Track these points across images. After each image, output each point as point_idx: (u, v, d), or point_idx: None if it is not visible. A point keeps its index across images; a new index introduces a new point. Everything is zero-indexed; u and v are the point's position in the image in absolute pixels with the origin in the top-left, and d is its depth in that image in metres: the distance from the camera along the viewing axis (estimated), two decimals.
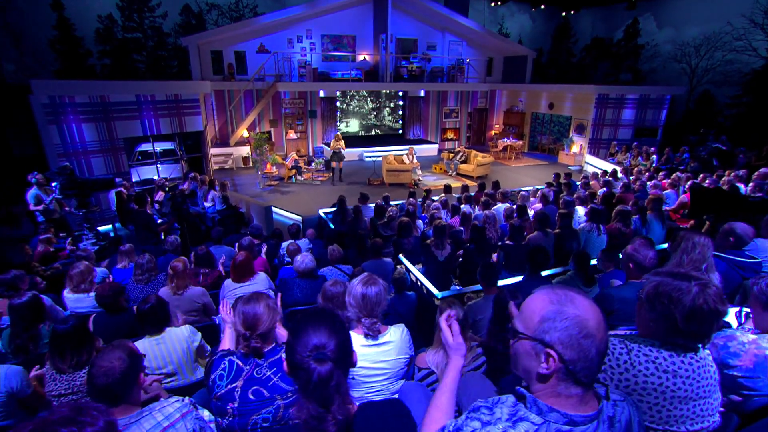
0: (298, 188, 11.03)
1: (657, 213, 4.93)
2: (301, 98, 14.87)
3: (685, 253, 2.37)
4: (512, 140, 15.20)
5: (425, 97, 16.60)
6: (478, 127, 18.03)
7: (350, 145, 14.88)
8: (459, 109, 17.32)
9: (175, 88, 8.11)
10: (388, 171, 11.08)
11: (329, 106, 15.23)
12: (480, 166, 11.84)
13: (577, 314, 0.95)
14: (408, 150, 11.77)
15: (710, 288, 1.16)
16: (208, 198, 7.69)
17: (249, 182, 11.46)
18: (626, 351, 1.21)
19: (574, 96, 14.59)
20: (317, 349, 1.09)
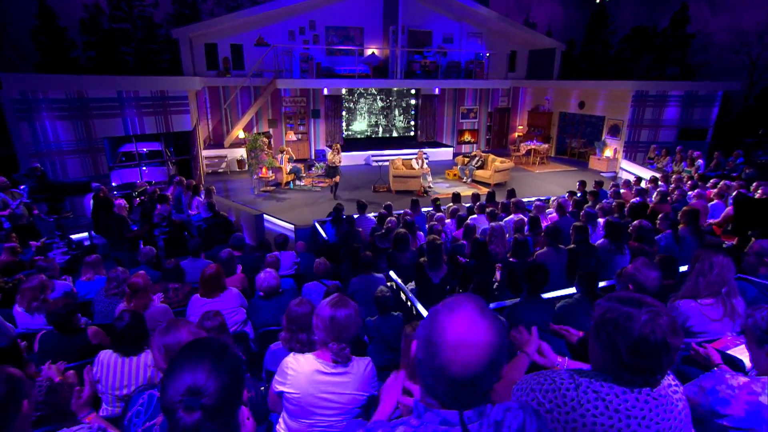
0: (296, 195, 11.14)
1: (692, 228, 4.78)
2: (302, 96, 15.08)
3: (700, 274, 2.30)
4: (537, 143, 15.07)
5: (440, 96, 16.63)
6: (499, 129, 17.98)
7: (357, 147, 15.05)
8: (477, 109, 17.31)
9: (160, 83, 8.32)
10: (394, 177, 11.09)
11: (334, 105, 15.38)
12: (498, 172, 11.76)
13: (443, 321, 0.94)
14: (417, 154, 11.74)
15: (662, 317, 1.12)
16: (192, 205, 7.79)
17: (243, 187, 11.62)
18: (574, 387, 1.18)
19: (608, 93, 14.40)
20: (190, 393, 1.00)
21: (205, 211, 7.63)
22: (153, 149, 10.16)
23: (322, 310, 1.78)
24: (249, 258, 4.99)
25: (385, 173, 11.80)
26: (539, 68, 17.03)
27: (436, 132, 17.03)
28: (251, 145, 10.98)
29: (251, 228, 8.37)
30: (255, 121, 14.65)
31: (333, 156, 10.00)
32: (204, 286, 3.48)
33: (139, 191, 6.46)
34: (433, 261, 3.99)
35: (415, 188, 11.06)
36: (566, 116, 16.40)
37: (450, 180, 12.55)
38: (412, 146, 14.84)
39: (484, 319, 0.95)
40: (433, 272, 3.99)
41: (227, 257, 4.46)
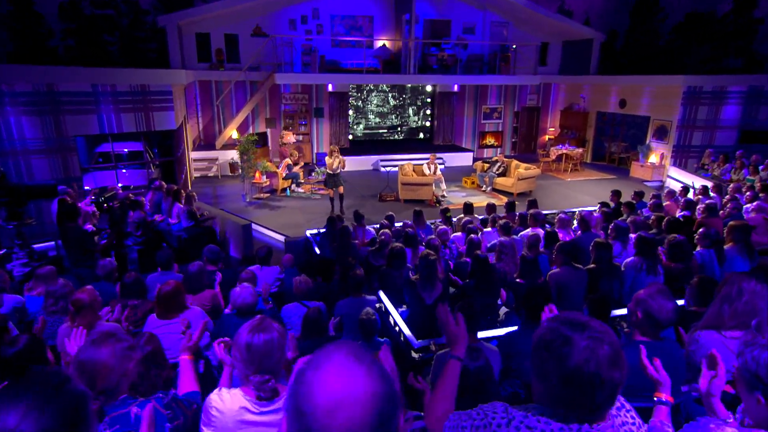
0: (292, 203, 11.23)
1: (742, 246, 4.62)
2: (304, 93, 15.26)
3: (726, 301, 2.22)
4: (569, 147, 14.91)
5: (459, 93, 16.66)
6: (527, 131, 17.90)
7: (365, 151, 15.16)
8: (502, 108, 17.29)
9: (141, 77, 8.47)
10: (403, 185, 11.11)
11: (339, 103, 15.55)
12: (522, 180, 11.68)
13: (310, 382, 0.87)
14: (429, 158, 11.70)
15: (603, 346, 1.08)
16: (173, 212, 7.88)
17: (234, 194, 11.79)
18: (506, 422, 1.17)
19: (654, 90, 14.18)
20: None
21: (186, 220, 7.70)
22: (135, 150, 10.37)
23: (239, 337, 1.75)
24: (224, 274, 4.97)
25: (393, 180, 11.78)
26: (574, 62, 16.93)
27: (455, 134, 17.03)
28: (243, 147, 11.10)
29: (238, 239, 8.44)
30: (251, 120, 14.86)
31: (332, 161, 9.87)
32: (160, 305, 3.47)
33: (108, 196, 6.55)
34: (426, 279, 3.97)
35: (426, 197, 11.05)
36: (605, 116, 16.21)
37: (467, 188, 12.53)
38: (427, 150, 14.84)
39: (361, 367, 0.89)
40: (425, 292, 3.97)
41: (195, 271, 4.45)
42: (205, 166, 13.80)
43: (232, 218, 8.87)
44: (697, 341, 2.24)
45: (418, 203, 10.77)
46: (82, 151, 11.43)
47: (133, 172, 10.17)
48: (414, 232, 5.78)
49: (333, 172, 9.77)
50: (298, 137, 15.41)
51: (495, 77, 15.68)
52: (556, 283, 4.07)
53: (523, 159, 14.77)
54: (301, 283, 4.43)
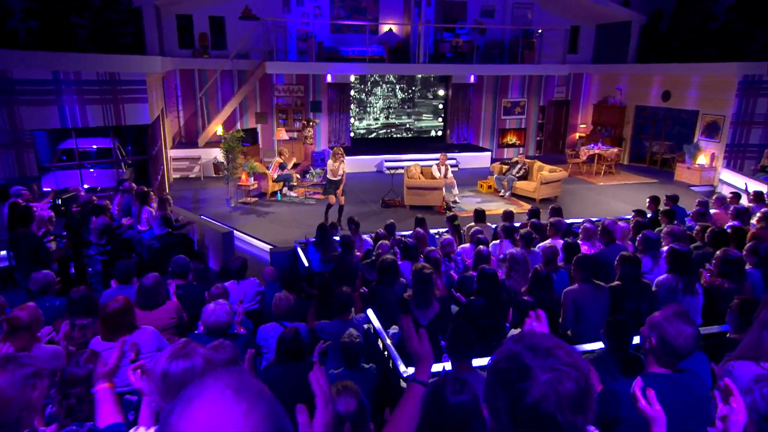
0: (283, 209, 11.27)
1: None
2: (299, 84, 15.33)
3: (765, 327, 2.13)
4: (602, 147, 14.78)
5: (476, 85, 16.66)
6: (554, 129, 17.84)
7: (369, 150, 15.19)
8: (525, 102, 17.26)
9: (110, 64, 8.50)
10: (409, 189, 11.09)
11: (340, 96, 15.61)
12: (545, 184, 11.63)
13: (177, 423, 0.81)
14: (439, 159, 11.69)
15: (569, 381, 1.02)
16: (142, 218, 7.90)
17: (217, 197, 11.86)
18: None
19: (703, 80, 14.01)
20: None
21: (159, 227, 7.72)
22: (105, 147, 10.44)
23: (157, 364, 1.70)
24: (190, 290, 4.93)
25: (398, 184, 11.75)
26: (610, 48, 16.83)
27: (471, 132, 17.02)
28: (228, 144, 11.13)
29: (218, 249, 8.44)
30: (238, 114, 14.96)
31: (334, 164, 9.58)
32: (105, 324, 3.42)
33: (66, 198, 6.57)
34: (421, 296, 3.94)
35: (435, 203, 11.03)
36: (645, 111, 16.06)
37: (483, 193, 12.50)
38: (439, 150, 14.72)
39: (240, 402, 0.82)
40: (420, 311, 3.93)
41: (150, 285, 4.40)
42: (185, 166, 13.86)
43: (212, 225, 8.88)
44: (730, 373, 2.15)
45: (425, 210, 10.77)
46: (43, 147, 11.55)
47: (102, 171, 10.22)
48: (415, 243, 5.74)
49: (336, 177, 9.66)
50: (292, 134, 15.45)
51: (517, 66, 15.63)
52: (572, 303, 4.01)
53: (549, 160, 14.65)
54: (281, 300, 4.39)
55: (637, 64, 16.11)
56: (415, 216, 7.42)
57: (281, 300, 4.34)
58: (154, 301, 4.25)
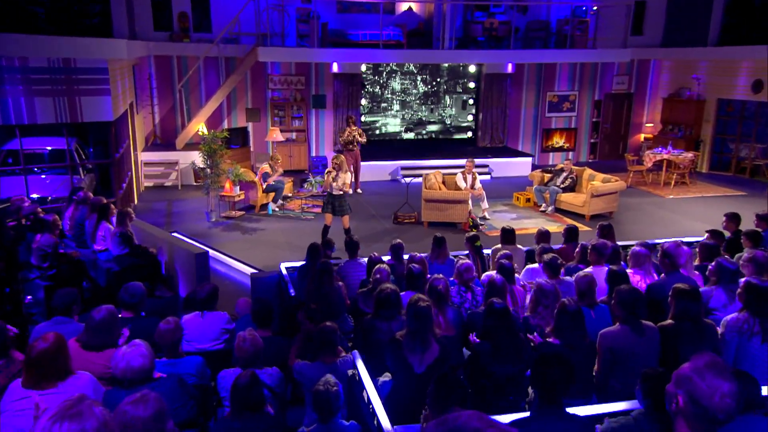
0: (274, 225, 11.33)
1: None
2: (299, 74, 15.47)
3: None
4: (674, 151, 14.53)
5: (515, 76, 16.65)
6: (613, 129, 17.74)
7: (383, 155, 15.27)
8: (576, 96, 17.19)
9: (64, 48, 8.51)
10: (426, 202, 11.06)
11: (348, 89, 15.73)
12: (597, 197, 11.50)
13: None
14: (465, 165, 11.66)
15: None
16: (97, 236, 7.96)
17: (196, 211, 11.99)
18: None
19: None
20: None
21: (118, 246, 7.77)
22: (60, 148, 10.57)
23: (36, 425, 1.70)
24: (142, 327, 4.90)
25: (414, 196, 11.74)
26: (685, 28, 16.63)
27: (508, 132, 16.99)
28: (208, 147, 11.22)
29: (190, 273, 8.44)
30: (225, 110, 15.15)
31: (343, 177, 9.41)
32: (27, 368, 3.38)
33: (2, 210, 6.63)
34: (416, 337, 3.92)
35: (459, 219, 11.00)
36: (729, 106, 15.83)
37: (520, 208, 12.45)
38: (468, 154, 14.85)
39: None
40: (415, 355, 3.91)
41: (102, 319, 4.37)
42: (160, 172, 14.02)
43: (184, 244, 8.89)
44: None
45: (447, 227, 10.71)
46: None
47: (56, 178, 10.33)
48: (421, 270, 5.69)
49: (338, 191, 9.54)
50: (291, 135, 15.54)
51: (566, 52, 15.57)
52: (609, 348, 3.93)
53: (606, 167, 14.52)
54: (246, 341, 4.31)
55: (720, 47, 15.89)
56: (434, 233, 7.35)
57: (245, 341, 4.25)
58: (105, 341, 4.19)
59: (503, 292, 4.82)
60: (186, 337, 4.97)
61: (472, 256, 7.13)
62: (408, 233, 10.49)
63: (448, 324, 4.71)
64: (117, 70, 10.45)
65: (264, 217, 11.76)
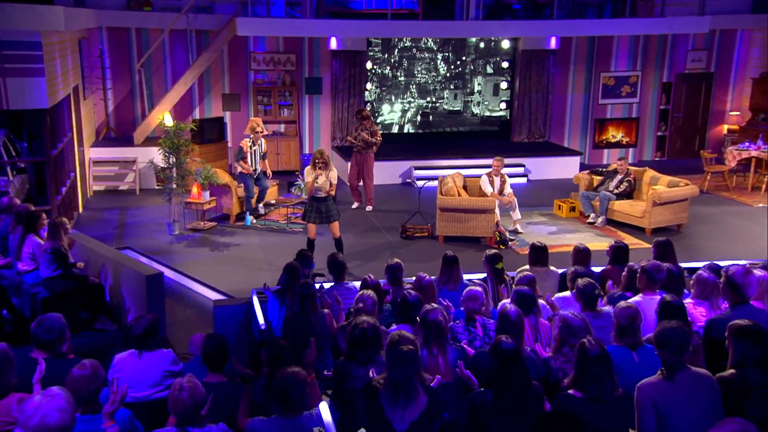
0: (253, 239, 11.36)
1: None
2: (289, 52, 15.51)
3: None
4: (765, 147, 14.25)
5: (560, 53, 16.61)
6: (688, 118, 17.64)
7: (393, 152, 15.22)
8: (639, 77, 17.10)
9: None
10: (442, 211, 10.99)
11: (350, 70, 15.75)
12: (661, 205, 11.43)
13: None
14: (492, 166, 11.59)
15: None
16: (24, 253, 7.93)
17: (156, 221, 12.03)
18: None
19: None
20: None
21: (48, 266, 7.77)
22: None
23: None
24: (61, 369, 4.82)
25: (429, 203, 11.71)
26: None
27: (550, 124, 16.97)
28: (170, 141, 11.19)
29: (139, 299, 8.41)
30: (197, 96, 15.23)
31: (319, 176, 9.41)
32: None
33: None
34: (397, 386, 3.90)
35: (483, 234, 10.99)
36: None
37: (563, 219, 12.41)
38: (499, 151, 14.52)
39: None
40: (396, 409, 3.91)
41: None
42: (114, 173, 14.09)
43: (134, 264, 8.86)
44: None
45: (468, 243, 10.68)
46: None
47: None
48: (418, 298, 5.66)
49: (318, 194, 9.56)
50: (278, 127, 15.56)
51: (626, 22, 15.45)
52: (651, 404, 3.85)
53: (676, 168, 14.44)
54: (182, 390, 4.22)
55: None
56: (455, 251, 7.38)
57: (181, 390, 4.16)
58: None
59: (518, 328, 4.78)
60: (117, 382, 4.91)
61: (491, 280, 7.10)
62: (418, 250, 10.46)
63: (448, 367, 4.67)
64: (56, 45, 10.46)
65: (240, 230, 11.73)
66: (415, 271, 7.07)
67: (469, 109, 17.25)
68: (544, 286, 6.90)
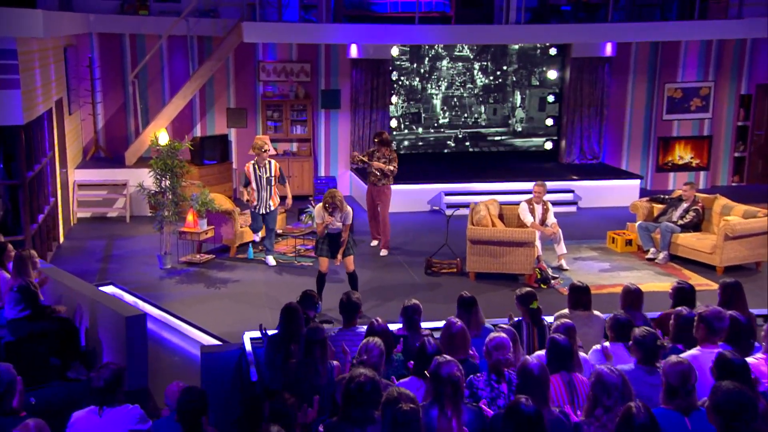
0: (257, 275, 11.37)
1: None
2: (303, 61, 15.61)
3: None
4: None
5: (617, 61, 16.57)
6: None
7: (420, 175, 15.23)
8: (712, 89, 16.94)
9: None
10: (473, 243, 10.90)
11: (373, 82, 15.80)
12: (734, 239, 11.29)
13: None
14: (533, 191, 11.48)
15: None
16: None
17: (147, 253, 12.12)
18: None
19: None
20: None
21: (14, 306, 7.79)
22: None
23: None
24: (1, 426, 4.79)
25: (458, 234, 11.61)
26: None
27: (605, 142, 16.90)
28: (162, 161, 11.22)
29: (118, 344, 8.40)
30: (198, 111, 15.38)
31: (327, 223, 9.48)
32: None
33: None
34: None
35: (521, 270, 10.98)
36: None
37: (618, 254, 12.37)
38: (544, 175, 14.68)
39: None
40: None
41: None
42: (102, 198, 14.17)
43: (114, 303, 8.85)
44: None
45: (502, 281, 10.69)
46: None
47: None
48: (435, 346, 5.57)
49: (332, 230, 9.60)
50: (290, 146, 15.57)
51: (695, 25, 15.33)
52: None
53: (756, 195, 14.23)
54: None
55: None
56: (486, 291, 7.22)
57: None
58: None
59: (542, 386, 4.65)
60: None
61: (525, 325, 6.99)
62: (445, 289, 10.37)
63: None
64: (35, 53, 10.57)
65: (242, 263, 11.72)
66: (440, 314, 7.05)
67: (511, 126, 17.18)
68: (588, 333, 6.80)
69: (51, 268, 9.22)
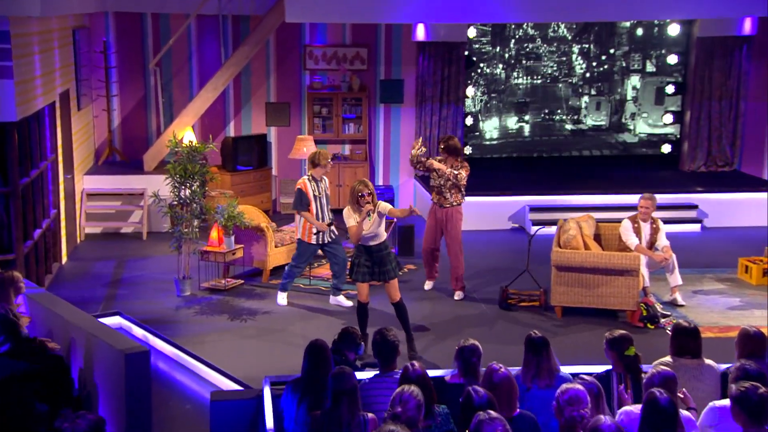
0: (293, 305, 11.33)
1: None
2: (359, 45, 15.69)
3: None
4: None
5: (755, 41, 16.32)
6: None
7: (500, 184, 15.21)
8: None
9: None
10: (559, 270, 10.74)
11: (444, 70, 15.84)
12: None
13: None
14: (639, 206, 11.29)
15: None
16: None
17: (162, 276, 12.24)
18: None
19: None
20: None
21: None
22: None
23: None
24: None
25: (541, 257, 11.53)
26: None
27: (742, 145, 16.67)
28: (181, 166, 11.24)
29: (116, 387, 8.42)
30: (231, 106, 15.54)
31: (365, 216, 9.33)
32: None
33: None
34: None
35: (622, 306, 10.84)
36: None
37: (751, 288, 12.18)
38: (658, 185, 14.60)
39: None
40: None
41: None
42: (115, 210, 14.36)
43: (113, 337, 8.88)
44: None
45: (597, 318, 10.70)
46: None
47: None
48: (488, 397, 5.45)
49: (368, 243, 9.52)
50: (343, 149, 15.59)
51: None
52: None
53: None
54: None
55: None
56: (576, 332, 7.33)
57: None
58: None
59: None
60: None
61: (616, 376, 6.85)
62: (523, 327, 10.07)
63: None
64: (34, 36, 10.71)
65: (275, 290, 11.57)
66: (515, 359, 6.97)
67: (619, 124, 17.08)
68: (696, 388, 6.64)
69: (43, 294, 9.28)
